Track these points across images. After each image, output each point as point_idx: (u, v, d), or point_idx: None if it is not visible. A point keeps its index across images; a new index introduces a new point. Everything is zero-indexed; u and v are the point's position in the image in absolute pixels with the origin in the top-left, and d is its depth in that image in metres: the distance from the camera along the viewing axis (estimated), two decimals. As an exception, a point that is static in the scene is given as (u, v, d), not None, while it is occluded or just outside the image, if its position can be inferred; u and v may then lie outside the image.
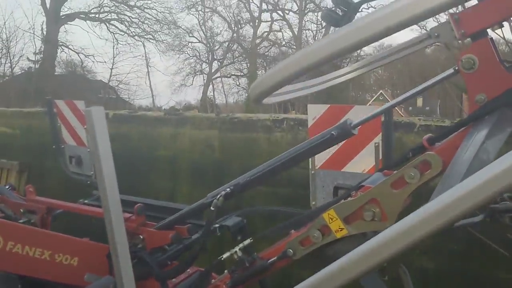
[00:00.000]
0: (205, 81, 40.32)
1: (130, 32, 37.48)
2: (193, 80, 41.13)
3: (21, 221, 3.55)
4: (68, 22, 37.04)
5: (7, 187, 4.57)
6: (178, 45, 39.62)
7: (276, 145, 5.21)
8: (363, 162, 3.45)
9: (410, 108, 40.99)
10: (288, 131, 5.13)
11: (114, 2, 37.15)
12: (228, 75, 40.98)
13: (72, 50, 36.98)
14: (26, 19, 54.98)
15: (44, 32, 35.27)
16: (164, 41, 38.22)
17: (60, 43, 36.08)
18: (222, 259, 2.42)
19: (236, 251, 2.41)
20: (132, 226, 3.14)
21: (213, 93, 40.23)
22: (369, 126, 3.42)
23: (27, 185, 6.44)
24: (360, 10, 2.15)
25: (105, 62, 45.15)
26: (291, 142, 4.85)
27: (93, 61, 38.29)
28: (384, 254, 1.49)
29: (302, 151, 2.58)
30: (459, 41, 1.73)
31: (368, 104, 40.53)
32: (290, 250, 2.10)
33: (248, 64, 39.26)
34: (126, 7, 37.30)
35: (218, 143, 5.49)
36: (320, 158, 3.65)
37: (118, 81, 39.53)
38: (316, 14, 37.33)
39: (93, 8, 36.93)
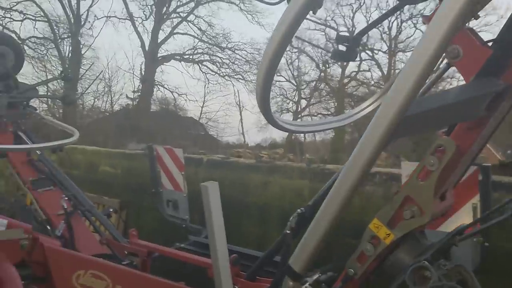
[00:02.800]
0: (292, 119, 40.62)
1: (221, 72, 38.91)
2: (279, 118, 41.53)
3: (124, 262, 3.81)
4: (164, 63, 39.21)
5: (111, 210, 5.01)
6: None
7: (367, 198, 5.07)
8: (460, 222, 3.36)
9: (509, 151, 38.37)
10: (380, 185, 5.06)
11: (207, 44, 38.90)
12: (315, 114, 41.06)
13: (167, 89, 38.95)
14: (127, 60, 58.76)
15: (143, 72, 37.51)
16: (253, 81, 39.15)
17: (156, 83, 38.18)
18: None
19: (306, 287, 2.48)
20: (227, 277, 3.28)
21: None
22: (465, 185, 3.36)
23: (125, 221, 6.86)
24: (361, 41, 2.37)
25: (196, 100, 46.97)
26: (382, 196, 4.79)
27: (185, 100, 39.98)
28: None
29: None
30: None
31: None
32: (351, 270, 2.16)
33: (336, 103, 39.14)
34: (218, 49, 38.88)
35: (308, 193, 5.52)
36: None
37: (208, 118, 40.86)
38: (406, 54, 36.69)
39: (187, 50, 38.87)
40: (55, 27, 35.33)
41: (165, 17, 38.02)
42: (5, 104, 4.33)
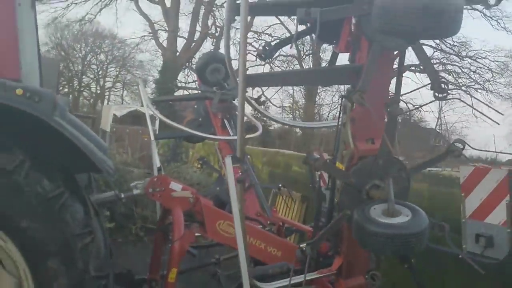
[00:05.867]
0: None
1: (457, 82, 37.51)
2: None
3: (267, 228, 5.50)
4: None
5: (280, 185, 6.84)
6: (513, 93, 36.69)
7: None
8: (498, 217, 4.14)
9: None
10: (447, 186, 5.62)
11: (443, 54, 38.00)
12: None
13: (401, 100, 39.27)
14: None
15: (377, 84, 38.71)
16: (494, 91, 36.39)
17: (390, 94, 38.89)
18: None
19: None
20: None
21: None
22: (500, 187, 4.15)
23: (305, 211, 8.52)
24: None
25: (432, 111, 45.91)
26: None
27: (420, 111, 39.79)
28: None
29: None
30: None
31: None
32: None
33: None
34: (457, 58, 37.54)
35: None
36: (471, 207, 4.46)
37: (444, 130, 39.62)
38: None
39: (423, 61, 38.50)
40: (300, 45, 39.35)
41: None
42: (217, 99, 6.22)
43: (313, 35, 3.58)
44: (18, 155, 2.93)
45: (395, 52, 3.32)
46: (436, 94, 2.99)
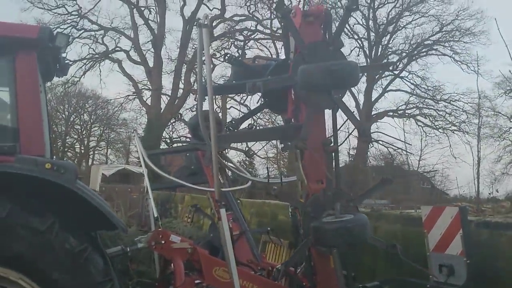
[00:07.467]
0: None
1: (434, 125, 38.73)
2: (516, 167, 37.84)
3: (258, 273, 6.07)
4: (379, 120, 40.88)
5: (268, 229, 7.43)
6: (497, 132, 37.54)
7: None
8: (456, 247, 4.82)
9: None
10: (413, 225, 6.27)
11: (419, 98, 39.41)
12: None
13: (382, 145, 40.25)
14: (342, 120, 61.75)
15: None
16: (470, 132, 37.44)
17: (372, 139, 39.79)
18: None
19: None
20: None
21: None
22: (455, 221, 4.85)
23: (290, 255, 9.02)
24: None
25: (412, 154, 46.59)
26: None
27: (400, 154, 40.64)
28: None
29: None
30: None
31: None
32: None
33: None
34: (432, 102, 38.88)
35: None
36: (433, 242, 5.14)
37: (425, 172, 40.20)
38: None
39: (401, 106, 39.97)
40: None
41: (377, 77, 39.95)
42: (209, 152, 6.75)
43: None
44: (49, 217, 3.56)
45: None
46: (362, 138, 3.98)
